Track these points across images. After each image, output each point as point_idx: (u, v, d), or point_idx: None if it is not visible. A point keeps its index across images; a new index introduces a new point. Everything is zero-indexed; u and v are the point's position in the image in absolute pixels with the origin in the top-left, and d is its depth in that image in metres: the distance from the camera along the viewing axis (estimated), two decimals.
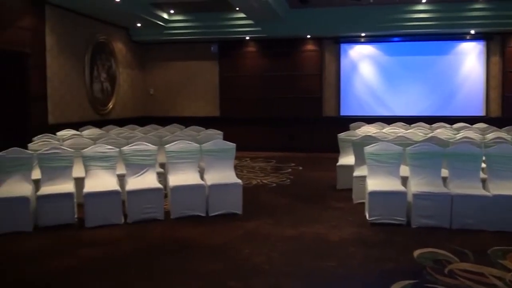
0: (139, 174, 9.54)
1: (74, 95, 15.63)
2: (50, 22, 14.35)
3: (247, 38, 19.46)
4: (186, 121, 16.02)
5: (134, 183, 9.27)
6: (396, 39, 18.80)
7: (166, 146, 10.00)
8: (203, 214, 9.26)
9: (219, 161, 10.00)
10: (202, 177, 9.83)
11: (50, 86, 14.27)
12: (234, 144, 10.16)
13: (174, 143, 10.04)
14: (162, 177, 10.45)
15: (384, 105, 18.94)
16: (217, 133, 12.83)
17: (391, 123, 14.87)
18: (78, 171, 9.75)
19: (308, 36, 19.15)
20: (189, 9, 18.10)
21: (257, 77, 19.86)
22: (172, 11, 18.39)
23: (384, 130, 12.94)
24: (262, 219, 9.15)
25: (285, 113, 19.57)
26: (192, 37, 19.19)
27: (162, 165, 10.81)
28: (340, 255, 7.14)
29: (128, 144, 10.12)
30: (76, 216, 8.93)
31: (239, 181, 9.59)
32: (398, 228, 8.44)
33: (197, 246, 7.62)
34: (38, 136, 11.44)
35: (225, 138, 11.18)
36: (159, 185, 9.28)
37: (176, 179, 9.50)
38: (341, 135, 12.25)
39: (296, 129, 19.52)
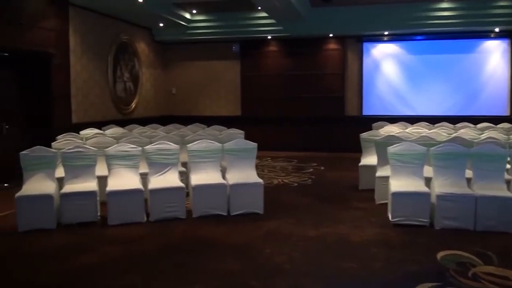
0: (161, 173, 9.59)
1: (97, 95, 15.75)
2: (74, 22, 14.47)
3: (269, 37, 19.41)
4: (208, 121, 16.05)
5: (157, 182, 9.32)
6: (419, 37, 18.61)
7: (188, 145, 10.03)
8: (224, 213, 9.26)
9: (240, 161, 10.00)
10: (223, 177, 9.86)
11: (73, 85, 14.40)
12: (256, 144, 10.13)
13: (196, 142, 10.07)
14: (184, 176, 10.48)
15: (407, 105, 18.74)
16: (239, 133, 12.82)
17: (414, 123, 14.72)
18: (101, 169, 9.81)
19: (331, 35, 19.00)
20: (211, 8, 18.13)
21: (279, 77, 19.79)
22: (194, 11, 18.44)
23: (407, 130, 12.81)
24: (283, 219, 9.11)
25: (307, 112, 19.45)
26: (214, 36, 19.21)
27: (184, 164, 10.82)
28: (362, 256, 7.08)
29: (150, 143, 10.18)
30: (99, 214, 9.00)
31: (261, 180, 9.57)
32: (421, 230, 8.33)
33: (218, 245, 7.63)
34: (62, 135, 11.54)
35: (247, 137, 11.14)
36: (181, 184, 9.30)
37: (198, 178, 9.53)
38: (364, 135, 12.13)
39: (318, 129, 19.39)
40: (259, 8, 16.68)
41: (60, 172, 9.57)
